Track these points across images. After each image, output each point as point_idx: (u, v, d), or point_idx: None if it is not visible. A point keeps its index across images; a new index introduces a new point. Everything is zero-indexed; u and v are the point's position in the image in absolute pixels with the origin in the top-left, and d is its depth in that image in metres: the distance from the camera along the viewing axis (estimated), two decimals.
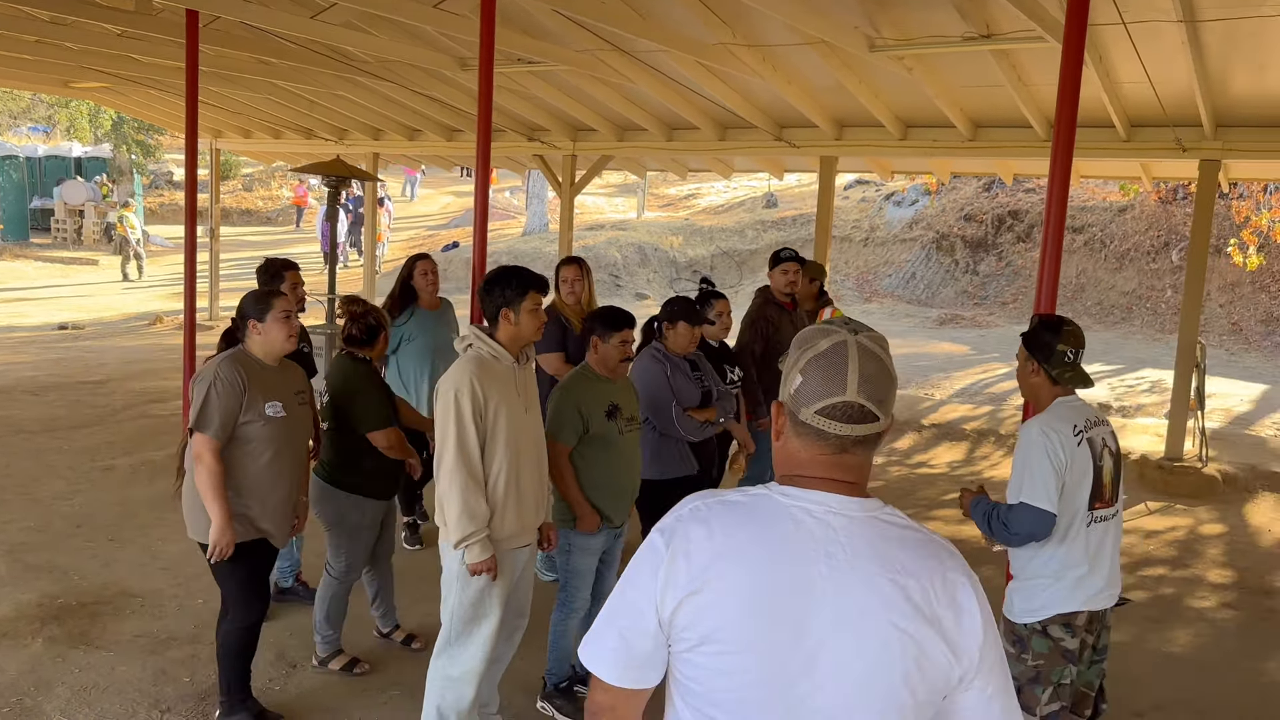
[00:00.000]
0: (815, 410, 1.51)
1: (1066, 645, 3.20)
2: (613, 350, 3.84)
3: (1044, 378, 3.22)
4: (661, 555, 1.53)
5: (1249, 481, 8.17)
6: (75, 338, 14.35)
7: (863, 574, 1.47)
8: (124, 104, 14.64)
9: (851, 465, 1.54)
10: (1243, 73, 7.20)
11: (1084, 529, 3.17)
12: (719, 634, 1.48)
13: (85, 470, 7.34)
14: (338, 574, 4.34)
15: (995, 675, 1.52)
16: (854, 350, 1.52)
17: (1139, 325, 16.02)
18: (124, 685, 4.19)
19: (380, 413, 4.20)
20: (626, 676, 1.55)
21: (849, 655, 1.45)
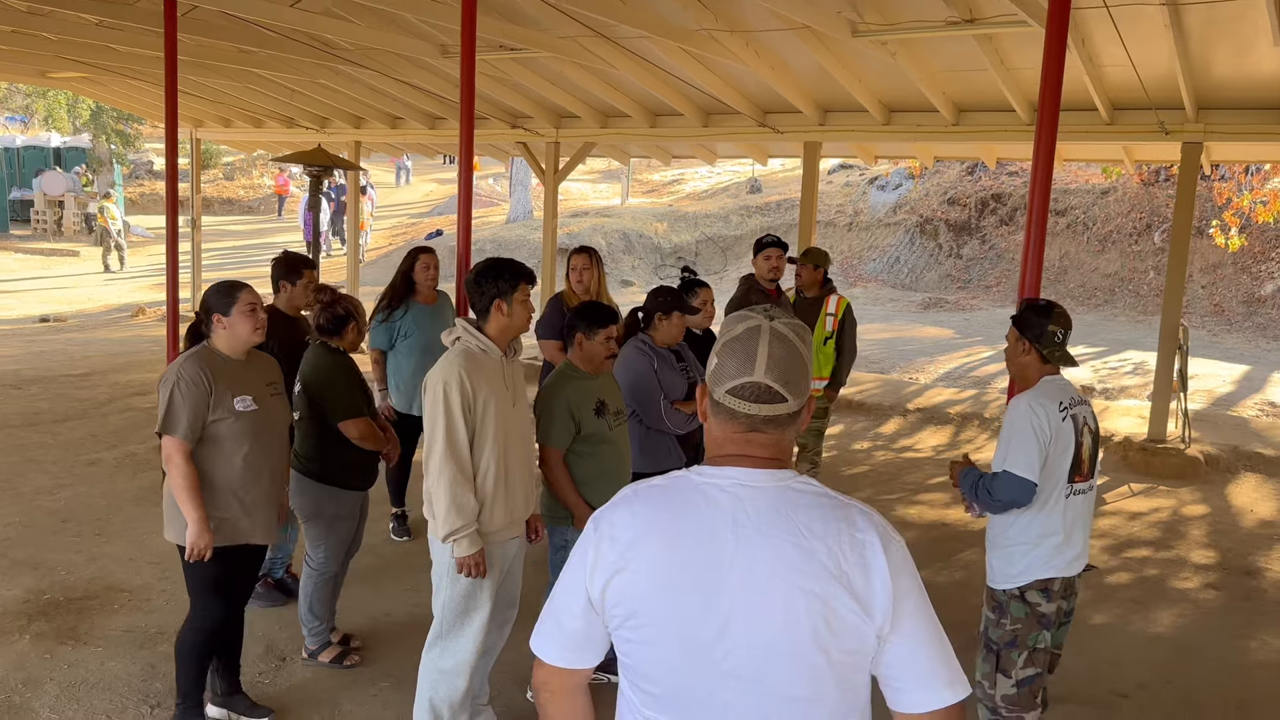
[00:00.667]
0: (726, 390, 1.60)
1: (1042, 610, 3.38)
2: (598, 347, 3.83)
3: (1034, 357, 3.40)
4: (590, 539, 1.65)
5: (1231, 462, 8.24)
6: (57, 330, 14.25)
7: (768, 540, 1.54)
8: (102, 94, 14.50)
9: (764, 442, 1.62)
10: (1224, 55, 7.23)
11: (1063, 500, 3.36)
12: (641, 609, 1.58)
13: (70, 464, 7.30)
14: (317, 565, 4.32)
15: (917, 624, 1.57)
16: (766, 334, 1.60)
17: (1122, 307, 16.11)
18: (113, 681, 4.18)
19: (351, 403, 4.15)
20: (562, 657, 1.67)
21: (758, 619, 1.53)
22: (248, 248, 25.32)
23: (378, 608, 5.04)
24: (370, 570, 5.45)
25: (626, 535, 1.60)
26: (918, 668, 1.57)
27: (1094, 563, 6.11)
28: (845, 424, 9.62)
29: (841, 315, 6.30)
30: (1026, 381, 3.43)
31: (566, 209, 24.67)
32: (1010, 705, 3.42)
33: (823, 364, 6.28)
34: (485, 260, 3.54)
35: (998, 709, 3.46)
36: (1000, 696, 3.43)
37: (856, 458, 8.47)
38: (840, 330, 6.26)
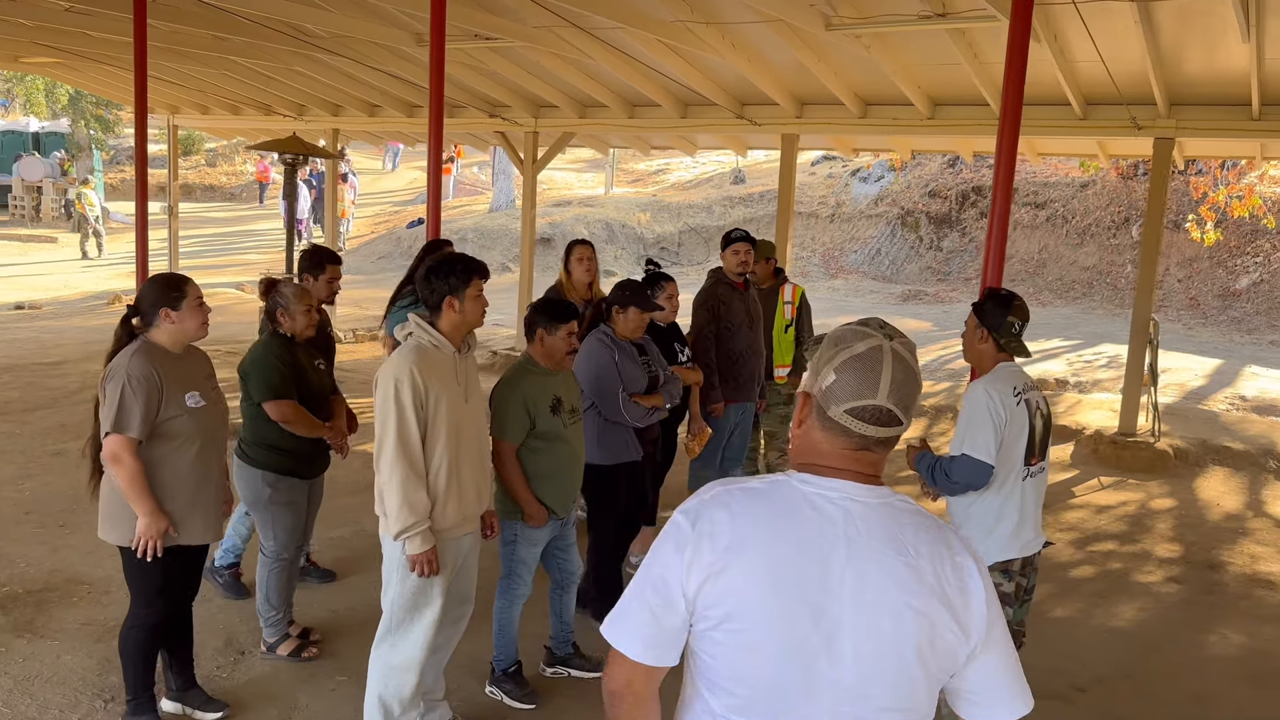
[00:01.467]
0: (845, 409, 1.60)
1: (1005, 589, 3.49)
2: (559, 342, 3.81)
3: (991, 345, 3.51)
4: (687, 536, 1.61)
5: (1200, 456, 8.30)
6: (32, 317, 14.13)
7: (879, 557, 1.57)
8: (77, 79, 14.37)
9: (872, 460, 1.64)
10: (1195, 51, 7.25)
11: (1019, 483, 3.47)
12: (741, 613, 1.57)
13: (37, 455, 7.25)
14: (270, 554, 4.31)
15: (1000, 646, 1.63)
16: (889, 357, 1.61)
17: (1099, 300, 16.19)
18: (68, 674, 4.15)
19: (271, 384, 4.11)
20: (649, 653, 1.63)
21: (866, 633, 1.55)
22: (229, 235, 25.18)
23: (340, 601, 5.02)
24: (335, 563, 5.43)
25: (727, 535, 1.58)
26: (998, 685, 1.63)
27: (1059, 556, 6.15)
28: None
29: (798, 302, 6.39)
30: (982, 368, 3.57)
31: (550, 198, 24.60)
32: None
33: (784, 351, 6.32)
34: (439, 255, 3.52)
35: None
36: None
37: None
38: (799, 317, 6.36)
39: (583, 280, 5.87)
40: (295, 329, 4.25)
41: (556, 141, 11.53)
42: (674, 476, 5.96)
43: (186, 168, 33.07)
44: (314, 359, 4.41)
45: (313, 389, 4.30)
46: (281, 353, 4.19)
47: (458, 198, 27.40)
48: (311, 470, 4.37)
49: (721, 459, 5.93)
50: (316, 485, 4.53)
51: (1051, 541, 3.73)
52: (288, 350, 4.23)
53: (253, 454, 4.22)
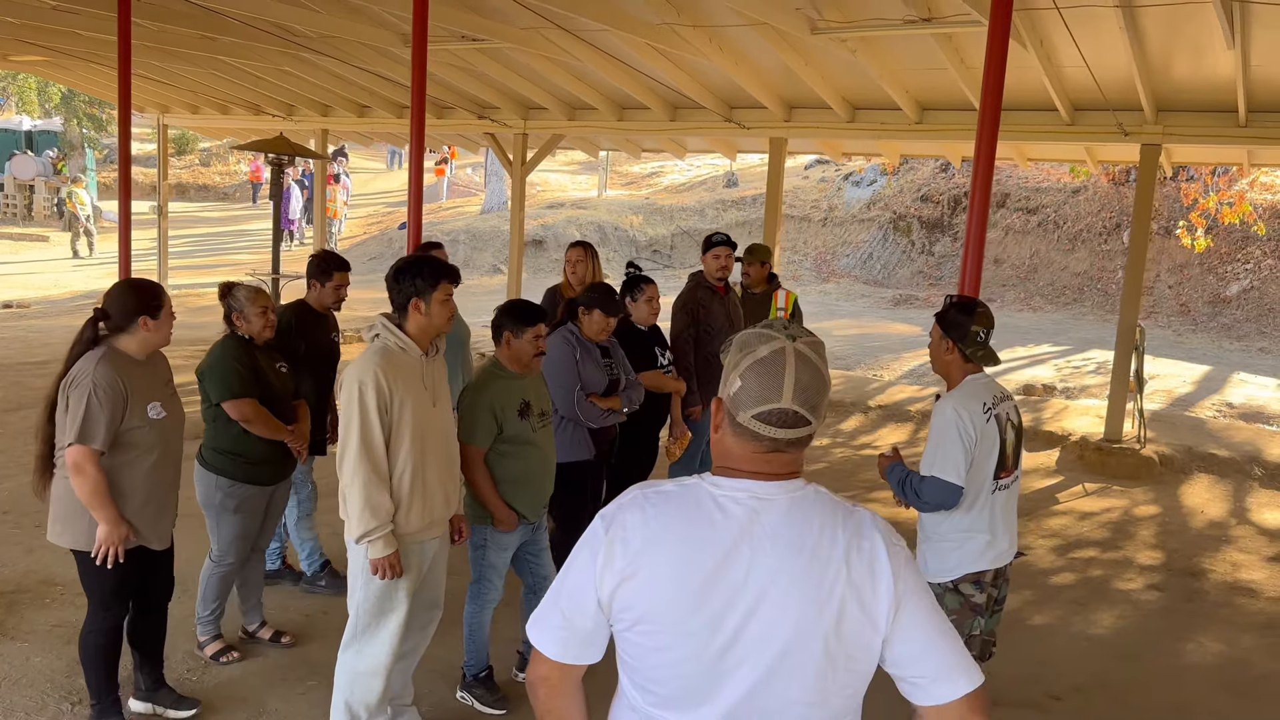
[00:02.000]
0: (752, 415, 1.61)
1: (975, 600, 3.47)
2: (526, 345, 3.78)
3: (957, 356, 3.42)
4: (600, 540, 1.65)
5: (1185, 463, 8.29)
6: (20, 316, 14.09)
7: (782, 553, 1.59)
8: (66, 77, 14.33)
9: (784, 460, 1.65)
10: (1182, 58, 7.25)
11: (990, 497, 3.43)
12: (652, 614, 1.60)
13: (17, 455, 7.20)
14: (214, 558, 4.29)
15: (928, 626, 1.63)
16: (792, 358, 1.61)
17: (1090, 306, 16.19)
18: (36, 677, 4.12)
19: (228, 382, 4.07)
20: (567, 653, 1.69)
21: (771, 628, 1.58)
22: (221, 234, 25.13)
23: (313, 604, 4.99)
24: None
25: (638, 539, 1.61)
26: (932, 661, 1.62)
27: (1039, 563, 6.14)
28: None
29: (791, 309, 6.36)
30: (951, 380, 3.48)
31: (543, 200, 24.59)
32: None
33: None
34: (407, 256, 3.50)
35: None
36: None
37: (814, 454, 8.47)
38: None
39: (574, 282, 5.90)
40: (252, 331, 4.22)
41: (546, 144, 11.51)
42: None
43: (180, 167, 33.03)
44: (275, 362, 4.36)
45: (274, 391, 4.25)
46: (239, 354, 4.15)
47: (451, 199, 27.38)
48: (272, 476, 4.31)
49: (701, 462, 5.91)
50: (279, 490, 4.45)
51: (1024, 552, 3.71)
52: (245, 352, 4.18)
53: (210, 459, 4.19)
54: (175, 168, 32.67)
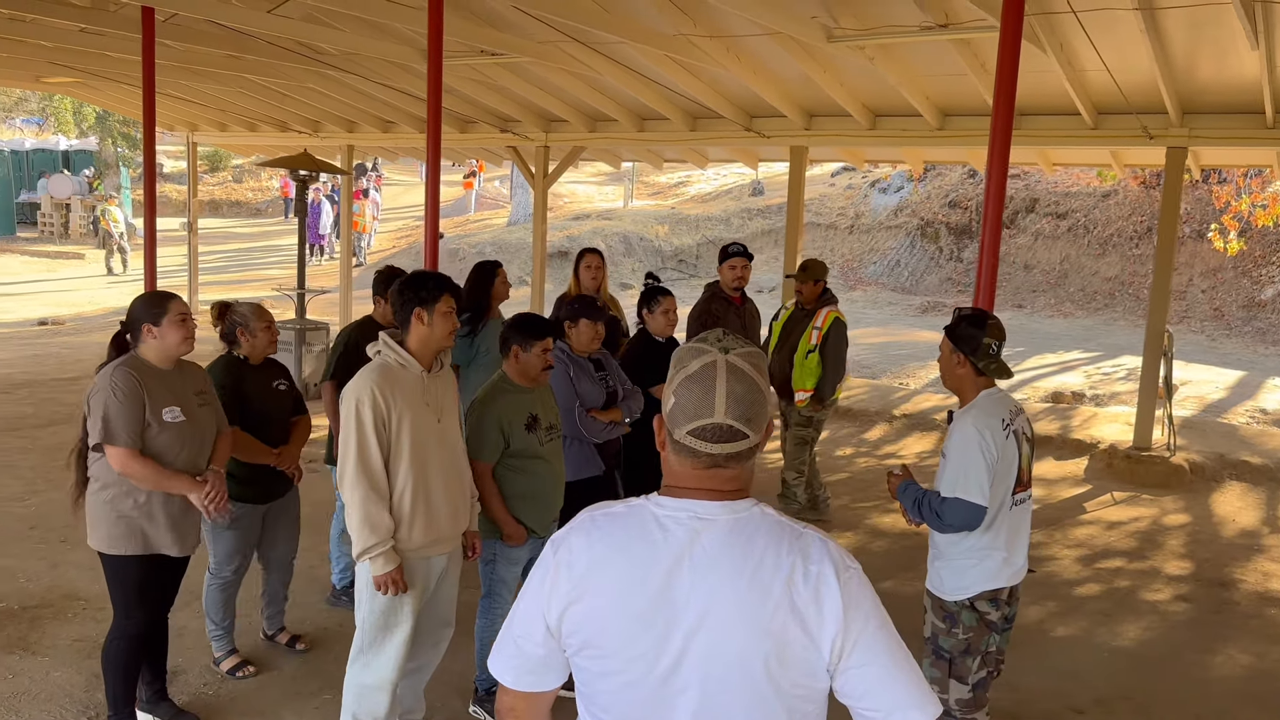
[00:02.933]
0: (687, 431, 1.57)
1: (991, 618, 3.42)
2: (534, 359, 3.78)
3: (970, 370, 3.35)
4: (549, 565, 1.63)
5: (1217, 471, 8.15)
6: (54, 333, 14.31)
7: (724, 576, 1.54)
8: (97, 97, 14.58)
9: (726, 477, 1.60)
10: (1206, 60, 7.15)
11: (1007, 513, 3.37)
12: (596, 639, 1.58)
13: (45, 470, 7.32)
14: (213, 570, 4.36)
15: (878, 651, 1.57)
16: (723, 371, 1.57)
17: (1122, 311, 15.98)
18: (55, 691, 4.17)
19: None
20: (522, 680, 1.66)
21: (712, 653, 1.53)
22: (252, 250, 25.45)
23: (334, 618, 5.02)
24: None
25: (582, 564, 1.59)
26: (886, 692, 1.57)
27: (1064, 574, 6.05)
28: (830, 430, 9.55)
29: (827, 329, 6.29)
30: (964, 394, 3.40)
31: (569, 212, 24.68)
32: (964, 708, 3.47)
33: (805, 376, 6.29)
34: (411, 272, 3.51)
35: (950, 712, 3.48)
36: (955, 701, 3.47)
37: (838, 464, 8.41)
38: (824, 343, 6.27)
39: (590, 287, 5.96)
40: (256, 346, 4.25)
41: (567, 156, 11.56)
42: None
43: (213, 184, 33.52)
44: (273, 380, 4.37)
45: (265, 413, 4.27)
46: (224, 379, 4.15)
47: (479, 211, 27.55)
48: (262, 495, 4.32)
49: None
50: (277, 508, 4.45)
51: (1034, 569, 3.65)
52: (233, 376, 4.19)
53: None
54: (208, 184, 33.17)
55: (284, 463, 4.29)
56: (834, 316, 6.33)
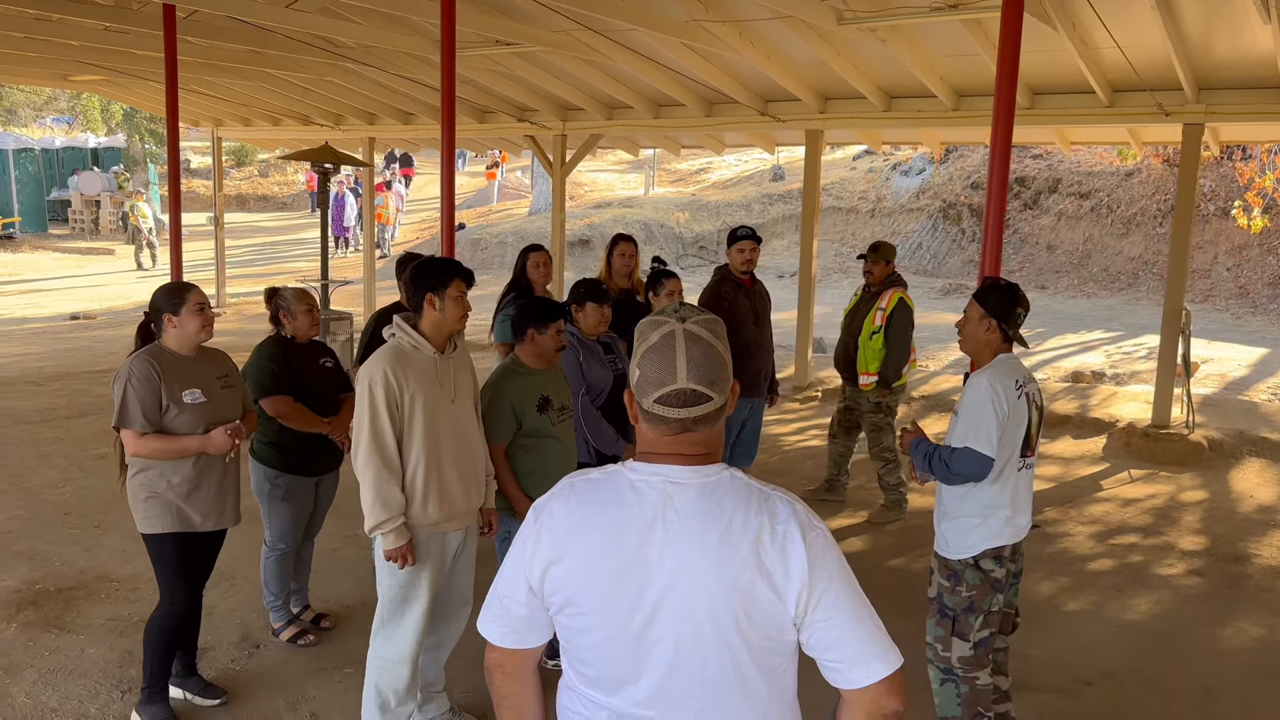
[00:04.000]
0: (654, 399, 1.67)
1: (996, 575, 3.54)
2: (549, 340, 3.90)
3: (997, 335, 3.53)
4: (531, 529, 1.75)
5: (1236, 447, 8.13)
6: (86, 327, 14.59)
7: (694, 536, 1.64)
8: (123, 95, 14.81)
9: (695, 440, 1.69)
10: (1221, 35, 7.11)
11: (1014, 474, 3.52)
12: (576, 598, 1.68)
13: (79, 459, 7.52)
14: (269, 544, 4.57)
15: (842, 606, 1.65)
16: (681, 338, 1.66)
17: (1145, 291, 15.86)
18: (90, 667, 4.33)
19: (261, 381, 4.31)
20: (508, 638, 1.79)
21: (684, 610, 1.63)
22: (279, 243, 25.73)
23: (355, 594, 5.16)
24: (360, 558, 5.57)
25: (563, 526, 1.69)
26: (849, 645, 1.65)
27: (1078, 550, 6.09)
28: None
29: (891, 310, 6.21)
30: (982, 358, 3.58)
31: (590, 200, 24.75)
32: (967, 666, 3.59)
33: (869, 359, 6.24)
34: (424, 257, 3.62)
35: (953, 670, 3.61)
36: (957, 658, 3.59)
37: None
38: (888, 325, 6.20)
39: (622, 271, 6.06)
40: (298, 328, 4.47)
41: (584, 144, 11.64)
42: None
43: (240, 178, 33.86)
44: (319, 358, 4.58)
45: (313, 387, 4.47)
46: (274, 353, 4.40)
47: (502, 201, 27.68)
48: (316, 468, 4.52)
49: (731, 455, 5.97)
50: (326, 481, 4.66)
51: (1039, 525, 3.76)
52: (282, 351, 4.43)
53: (259, 451, 4.45)
54: (235, 179, 33.52)
55: (336, 431, 4.46)
56: (899, 297, 6.26)
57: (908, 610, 5.14)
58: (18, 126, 37.10)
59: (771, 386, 6.11)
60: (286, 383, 4.36)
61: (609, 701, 1.72)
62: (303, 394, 4.41)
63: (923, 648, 3.72)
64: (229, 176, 33.13)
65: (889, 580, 5.57)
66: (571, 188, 25.59)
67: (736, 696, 1.68)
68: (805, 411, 9.68)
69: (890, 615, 5.04)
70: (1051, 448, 8.37)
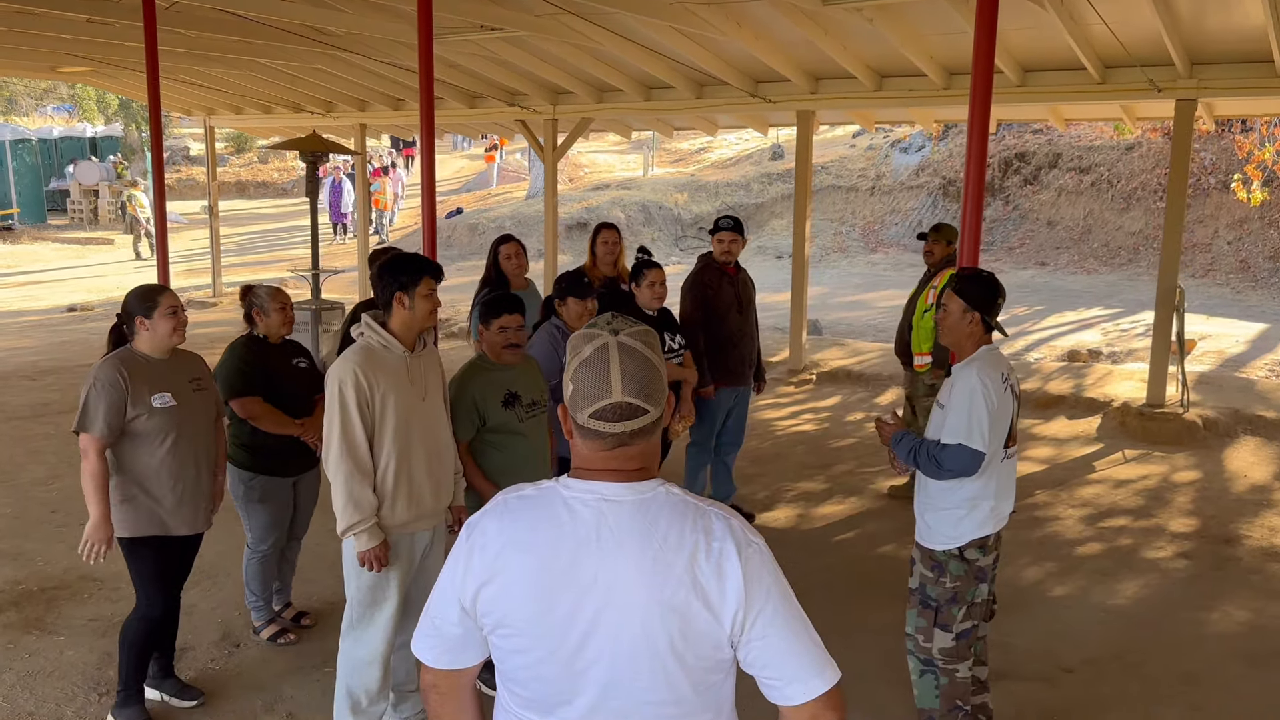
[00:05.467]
0: (589, 414, 1.64)
1: (980, 564, 3.55)
2: (495, 336, 3.83)
3: (979, 326, 3.53)
4: (463, 548, 1.71)
5: (1231, 426, 8.08)
6: (83, 319, 14.59)
7: (628, 555, 1.61)
8: (113, 85, 14.74)
9: (631, 455, 1.66)
10: (1213, 8, 7.02)
11: (999, 465, 3.51)
12: (508, 618, 1.65)
13: (68, 455, 7.50)
14: (250, 545, 4.57)
15: (779, 623, 1.63)
16: (615, 351, 1.64)
17: (1145, 266, 15.75)
18: (69, 669, 4.34)
19: (230, 382, 4.29)
20: (441, 659, 1.75)
21: (617, 630, 1.61)
22: (277, 230, 25.69)
23: (336, 591, 5.12)
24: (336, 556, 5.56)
25: (494, 546, 1.66)
26: (786, 663, 1.63)
27: (1066, 534, 6.06)
28: (843, 395, 9.58)
29: (944, 287, 6.05)
30: (964, 351, 3.56)
31: (588, 182, 24.65)
32: (948, 657, 3.59)
33: (922, 339, 6.05)
34: (392, 255, 3.59)
35: (933, 660, 3.61)
36: (938, 650, 3.59)
37: (846, 429, 8.44)
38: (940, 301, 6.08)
39: (607, 260, 6.05)
40: (270, 326, 4.44)
41: (576, 127, 11.57)
42: (670, 464, 6.01)
43: (239, 165, 33.81)
44: (293, 358, 4.54)
45: (289, 388, 4.44)
46: (245, 354, 4.37)
47: (501, 185, 27.59)
48: (291, 468, 4.49)
49: (718, 443, 5.95)
50: (305, 481, 4.64)
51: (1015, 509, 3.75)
52: (253, 352, 4.40)
53: (233, 453, 4.40)
54: (234, 166, 33.47)
55: (308, 433, 4.43)
56: (949, 274, 6.15)
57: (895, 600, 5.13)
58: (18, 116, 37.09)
59: (758, 374, 6.07)
60: (257, 383, 4.33)
61: None
62: (275, 395, 4.37)
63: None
64: (228, 164, 33.08)
65: (880, 568, 5.55)
66: (571, 169, 25.50)
67: (672, 715, 1.66)
68: (799, 395, 9.64)
69: (881, 604, 5.06)
70: (1045, 428, 8.33)
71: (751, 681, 1.69)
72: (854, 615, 4.86)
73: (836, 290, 15.75)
